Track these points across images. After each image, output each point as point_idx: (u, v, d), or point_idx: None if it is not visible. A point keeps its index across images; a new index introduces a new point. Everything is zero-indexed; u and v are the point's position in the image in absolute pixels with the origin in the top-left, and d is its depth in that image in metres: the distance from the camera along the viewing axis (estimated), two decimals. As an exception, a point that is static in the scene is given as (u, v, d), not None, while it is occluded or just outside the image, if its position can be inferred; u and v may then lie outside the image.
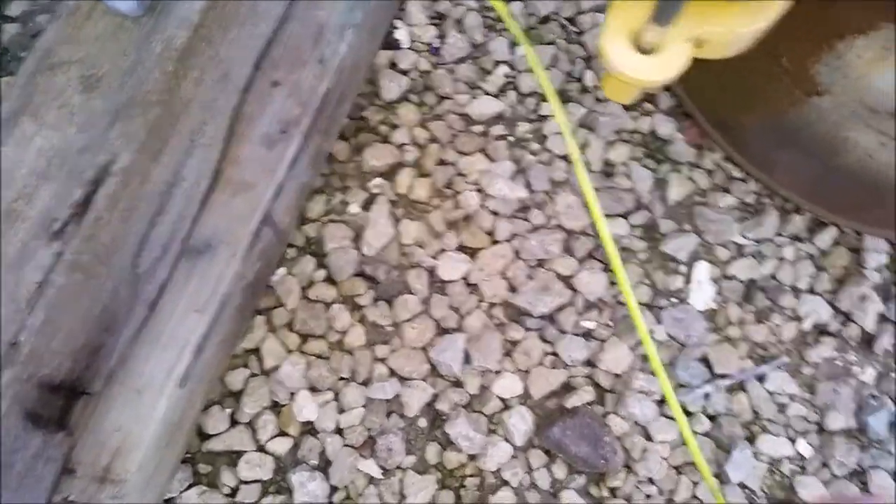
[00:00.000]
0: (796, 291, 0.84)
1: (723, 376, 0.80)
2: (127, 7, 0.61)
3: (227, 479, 0.74)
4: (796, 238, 0.86)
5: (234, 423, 0.76)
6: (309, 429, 0.76)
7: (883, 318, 0.84)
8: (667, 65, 0.39)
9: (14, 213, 0.56)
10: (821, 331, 0.84)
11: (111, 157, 0.58)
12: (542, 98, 0.88)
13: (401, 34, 0.89)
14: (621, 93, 0.43)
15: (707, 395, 0.80)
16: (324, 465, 0.75)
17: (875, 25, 0.60)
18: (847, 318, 0.84)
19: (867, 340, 0.84)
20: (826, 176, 0.78)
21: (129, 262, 0.61)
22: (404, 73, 0.88)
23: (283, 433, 0.76)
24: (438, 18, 0.91)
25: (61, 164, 0.57)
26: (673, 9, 0.35)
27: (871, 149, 0.71)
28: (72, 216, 0.56)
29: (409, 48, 0.89)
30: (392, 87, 0.86)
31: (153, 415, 0.62)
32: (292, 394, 0.76)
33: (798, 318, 0.83)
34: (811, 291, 0.84)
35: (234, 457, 0.75)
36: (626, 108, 0.88)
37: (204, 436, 0.75)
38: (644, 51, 0.39)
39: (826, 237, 0.85)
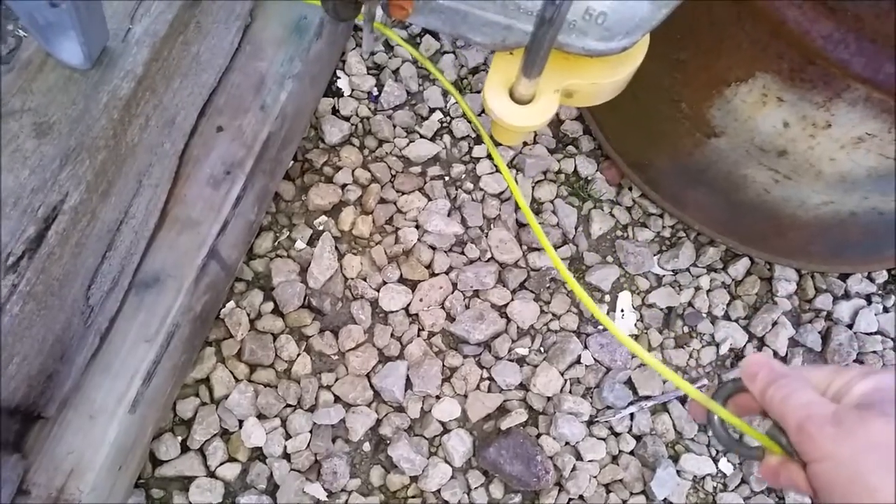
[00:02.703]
0: (713, 318, 0.91)
1: (646, 398, 0.86)
2: (75, 60, 0.66)
3: (179, 502, 0.77)
4: (711, 269, 0.93)
5: (185, 449, 0.79)
6: (257, 454, 0.80)
7: (794, 342, 0.91)
8: (539, 112, 0.45)
9: (-29, 249, 0.60)
10: (736, 355, 0.90)
11: (62, 196, 0.63)
12: (475, 141, 0.95)
13: (342, 83, 0.96)
14: (506, 136, 0.49)
15: (632, 416, 0.85)
16: (272, 489, 0.79)
17: (752, 74, 0.68)
18: (761, 342, 0.91)
19: (782, 362, 0.90)
20: (732, 210, 0.86)
21: (82, 294, 0.65)
22: (346, 118, 0.94)
23: (232, 459, 0.80)
24: (376, 69, 0.98)
25: (15, 203, 0.62)
26: (535, 64, 0.41)
27: (766, 184, 0.79)
28: (25, 251, 0.61)
29: (350, 96, 0.95)
30: (335, 131, 0.92)
31: (105, 439, 0.66)
32: (241, 421, 0.80)
33: (715, 343, 0.90)
34: (726, 318, 0.91)
35: (185, 482, 0.78)
36: (551, 150, 0.95)
37: (156, 461, 0.78)
38: (520, 101, 0.45)
39: (739, 267, 0.93)
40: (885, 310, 0.93)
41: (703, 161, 0.81)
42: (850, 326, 0.91)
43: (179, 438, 0.79)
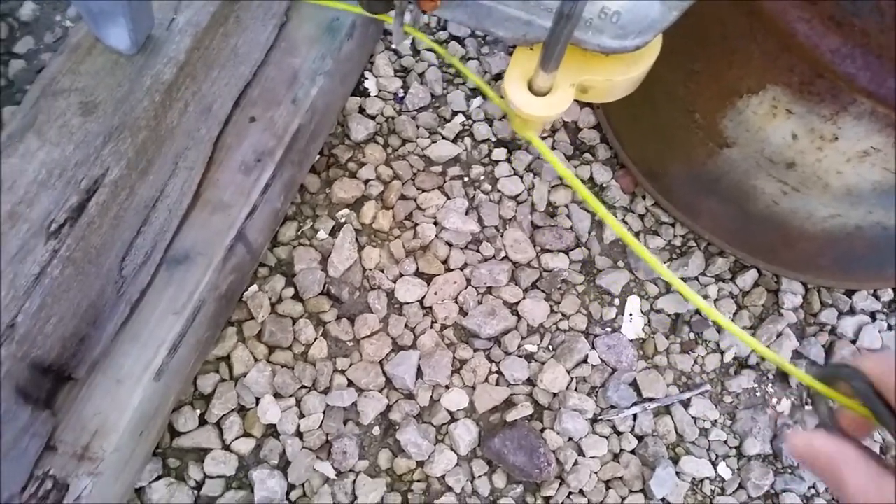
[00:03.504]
0: (719, 327, 0.93)
1: (650, 400, 0.89)
2: (122, 46, 0.71)
3: (194, 473, 0.80)
4: (719, 278, 0.95)
5: (203, 422, 0.82)
6: (271, 431, 0.83)
7: (797, 354, 0.93)
8: (555, 104, 0.48)
9: (17, 214, 0.64)
10: (741, 363, 0.93)
11: (103, 171, 0.67)
12: (494, 145, 0.99)
13: (370, 83, 1.00)
14: (524, 127, 0.53)
15: (635, 416, 0.88)
16: (283, 465, 0.82)
17: (763, 86, 0.71)
18: (763, 350, 0.93)
19: (783, 374, 0.92)
20: (743, 221, 0.88)
21: (116, 265, 0.69)
22: (372, 117, 0.98)
23: (247, 434, 0.83)
24: (403, 72, 1.02)
25: (60, 174, 0.66)
26: (552, 58, 0.45)
27: (775, 196, 0.81)
28: (67, 219, 0.65)
29: (376, 96, 0.99)
30: (360, 129, 0.96)
31: (130, 403, 0.69)
32: (258, 399, 0.83)
33: (720, 351, 0.92)
34: (731, 325, 0.93)
35: (201, 453, 0.81)
36: (568, 157, 0.98)
37: (175, 433, 0.81)
38: (538, 93, 0.48)
39: (747, 278, 0.95)
40: (889, 328, 0.95)
41: (716, 171, 0.84)
42: (853, 342, 0.93)
43: (198, 412, 0.83)
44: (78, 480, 0.66)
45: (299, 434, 0.83)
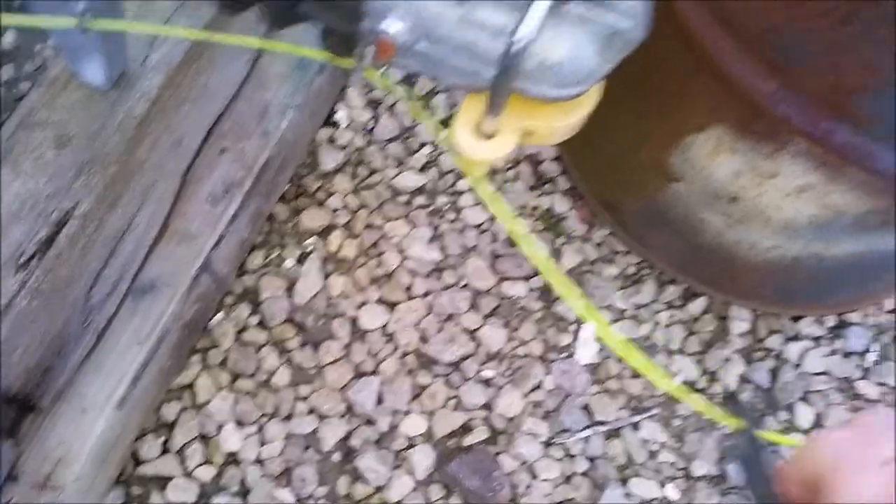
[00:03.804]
0: (669, 351, 0.97)
1: (601, 423, 0.92)
2: (97, 81, 0.73)
3: (157, 500, 0.81)
4: (671, 305, 0.99)
5: (165, 450, 0.84)
6: (232, 459, 0.85)
7: (744, 379, 0.97)
8: (499, 148, 0.52)
9: (-12, 247, 0.66)
10: (691, 388, 0.96)
11: (74, 203, 0.69)
12: (459, 175, 1.02)
13: (341, 115, 1.03)
14: (470, 167, 0.56)
15: (587, 439, 0.91)
16: (244, 492, 0.83)
17: (707, 126, 0.75)
18: (713, 377, 0.96)
19: (730, 398, 0.96)
20: (692, 251, 0.92)
21: (83, 296, 0.71)
22: (342, 148, 1.01)
23: (208, 462, 0.84)
24: (374, 104, 1.05)
25: (32, 207, 0.68)
26: (496, 105, 0.48)
27: (720, 228, 0.86)
28: (37, 252, 0.67)
29: (347, 127, 1.02)
30: (330, 159, 0.99)
31: (93, 432, 0.71)
32: (220, 426, 0.85)
33: (670, 375, 0.96)
34: (681, 352, 0.97)
35: (163, 481, 0.82)
36: (530, 187, 1.02)
37: (138, 461, 0.83)
38: (484, 136, 0.52)
39: (697, 306, 0.99)
40: (833, 352, 0.99)
41: (665, 204, 0.88)
42: (797, 366, 0.97)
43: (161, 440, 0.84)
44: (40, 508, 0.68)
45: (260, 461, 0.85)
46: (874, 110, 0.64)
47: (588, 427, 0.91)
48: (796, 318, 1.00)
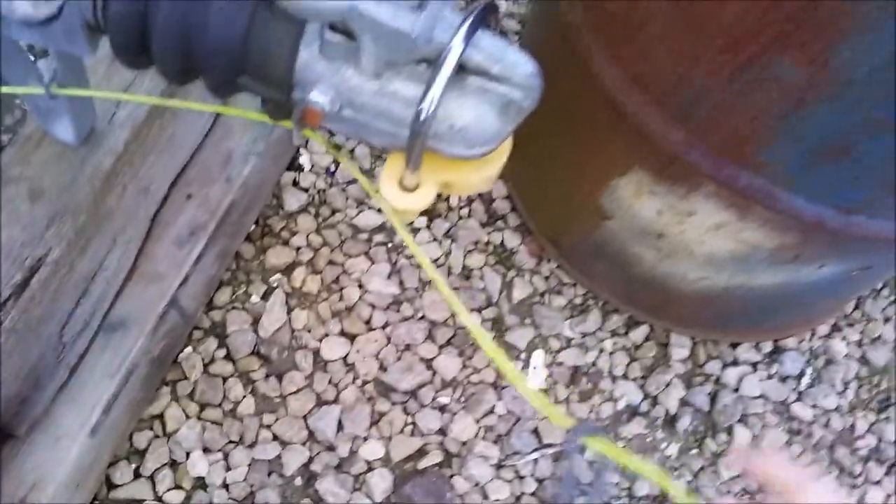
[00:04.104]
0: (613, 377, 1.03)
1: (549, 445, 0.97)
2: (67, 138, 0.80)
3: (127, 523, 0.87)
4: (615, 333, 1.05)
5: (137, 475, 0.89)
6: (200, 483, 0.90)
7: (684, 402, 1.03)
8: (419, 199, 0.58)
9: (-34, 289, 0.73)
10: (633, 411, 1.02)
11: (46, 251, 0.76)
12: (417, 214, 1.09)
13: (304, 159, 1.10)
14: (398, 216, 0.62)
15: (536, 461, 0.96)
16: (211, 515, 0.89)
17: (629, 170, 0.82)
18: (654, 400, 1.02)
19: (671, 420, 1.02)
20: (630, 283, 0.99)
21: (56, 333, 0.77)
22: (305, 190, 1.08)
23: (178, 486, 0.90)
24: (336, 148, 1.12)
25: (7, 254, 0.75)
26: (413, 162, 0.55)
27: (652, 261, 0.92)
28: (12, 294, 0.73)
29: (310, 171, 1.09)
30: (294, 200, 1.06)
31: (67, 458, 0.77)
32: (188, 453, 0.91)
33: (614, 399, 1.02)
34: (625, 377, 1.03)
35: (134, 505, 0.88)
36: (482, 224, 1.09)
37: (111, 485, 0.88)
38: (406, 189, 0.58)
39: (639, 333, 1.05)
40: (769, 376, 1.05)
41: (601, 239, 0.95)
42: (735, 390, 1.03)
43: (133, 466, 0.90)
44: (15, 531, 0.73)
45: (226, 486, 0.90)
46: (768, 157, 0.71)
47: (537, 449, 0.97)
48: (734, 345, 1.07)
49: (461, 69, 0.53)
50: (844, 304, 1.10)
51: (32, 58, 0.66)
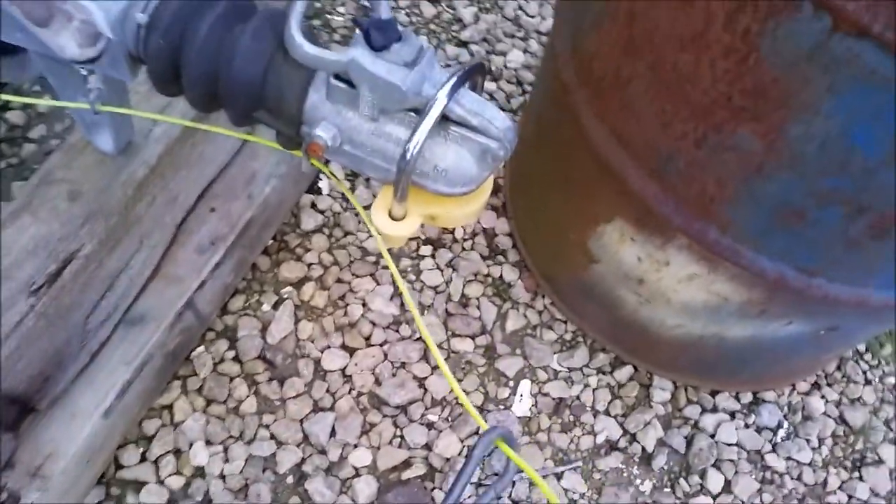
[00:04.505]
0: (595, 412, 1.08)
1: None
2: (107, 148, 0.90)
3: (131, 501, 0.95)
4: (600, 370, 1.11)
5: (143, 459, 0.97)
6: (200, 472, 0.98)
7: (661, 442, 1.08)
8: (405, 228, 0.66)
9: (7, 275, 0.82)
10: (611, 445, 1.07)
11: (79, 246, 0.85)
12: (423, 242, 1.17)
13: (323, 184, 1.19)
14: (387, 241, 0.70)
15: (514, 484, 1.02)
16: (207, 502, 0.96)
17: (612, 218, 0.89)
18: (633, 437, 1.07)
19: (647, 458, 1.07)
20: (615, 324, 1.05)
21: (82, 321, 0.86)
22: (321, 212, 1.16)
23: (179, 472, 0.97)
24: (353, 175, 1.21)
25: (45, 246, 0.84)
26: (400, 194, 0.62)
27: (634, 305, 0.98)
28: (46, 282, 0.82)
29: (327, 195, 1.18)
30: (310, 221, 1.15)
31: (80, 435, 0.85)
32: (192, 443, 0.99)
33: (594, 433, 1.07)
34: (606, 413, 1.08)
35: (138, 485, 0.96)
36: (484, 257, 1.16)
37: (119, 466, 0.96)
38: (395, 218, 0.66)
39: (624, 373, 1.11)
40: (746, 426, 1.10)
41: (590, 281, 1.01)
42: (712, 436, 1.08)
43: (140, 450, 0.98)
44: (28, 494, 0.81)
45: (223, 476, 0.98)
46: (733, 216, 0.77)
47: (515, 473, 1.02)
48: (714, 392, 1.12)
49: (445, 119, 0.62)
50: (823, 363, 1.14)
51: (84, 73, 0.76)
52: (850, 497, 1.08)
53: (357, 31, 0.60)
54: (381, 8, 0.60)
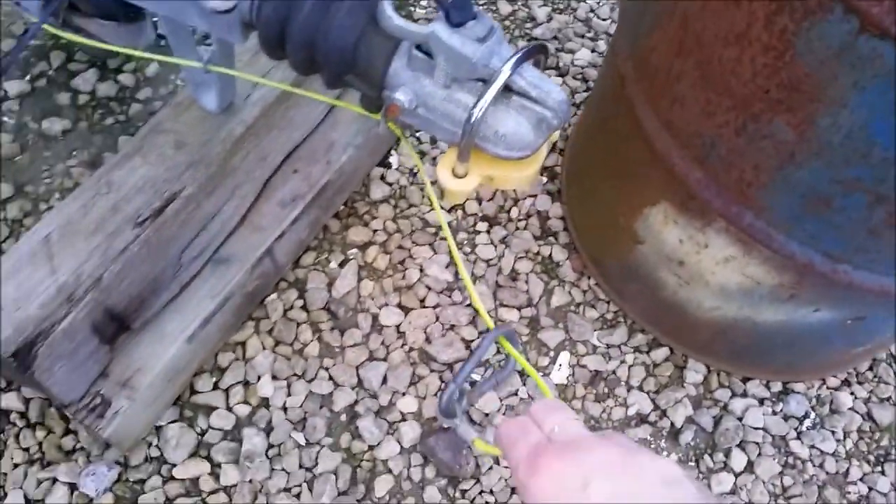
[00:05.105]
0: (629, 386, 1.16)
1: (560, 431, 1.11)
2: (211, 106, 1.02)
3: (201, 423, 1.07)
4: (638, 350, 1.18)
5: (215, 387, 1.09)
6: (264, 403, 1.09)
7: (690, 420, 1.14)
8: (464, 184, 0.75)
9: (118, 207, 0.95)
10: (641, 418, 1.14)
11: (181, 188, 0.97)
12: (480, 219, 1.26)
13: (393, 159, 1.29)
14: (450, 198, 0.79)
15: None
16: (268, 429, 1.07)
17: (658, 201, 0.96)
18: (663, 413, 1.14)
19: (675, 433, 1.14)
20: (656, 306, 1.12)
21: (177, 255, 0.98)
22: (389, 184, 1.27)
23: (246, 402, 1.09)
24: (421, 153, 1.31)
25: (152, 185, 0.97)
26: (463, 154, 0.72)
27: (674, 287, 1.05)
28: (150, 216, 0.95)
29: (396, 169, 1.28)
30: (378, 191, 1.25)
31: (166, 355, 0.97)
32: (259, 377, 1.10)
33: (626, 405, 1.14)
34: (640, 389, 1.16)
35: (209, 410, 1.08)
36: (536, 237, 1.25)
37: (193, 391, 1.08)
38: (458, 176, 0.75)
39: (660, 353, 1.17)
40: (774, 413, 1.15)
41: (634, 262, 1.09)
42: (740, 419, 1.14)
43: (213, 379, 1.10)
44: (118, 401, 0.94)
45: (285, 409, 1.09)
46: (767, 201, 0.83)
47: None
48: (746, 379, 1.17)
49: (508, 90, 0.71)
50: (854, 360, 1.19)
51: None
52: (870, 489, 1.13)
53: (439, 9, 0.70)
54: (461, -10, 0.69)
